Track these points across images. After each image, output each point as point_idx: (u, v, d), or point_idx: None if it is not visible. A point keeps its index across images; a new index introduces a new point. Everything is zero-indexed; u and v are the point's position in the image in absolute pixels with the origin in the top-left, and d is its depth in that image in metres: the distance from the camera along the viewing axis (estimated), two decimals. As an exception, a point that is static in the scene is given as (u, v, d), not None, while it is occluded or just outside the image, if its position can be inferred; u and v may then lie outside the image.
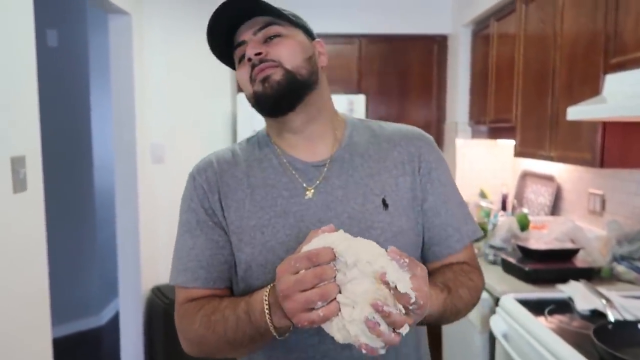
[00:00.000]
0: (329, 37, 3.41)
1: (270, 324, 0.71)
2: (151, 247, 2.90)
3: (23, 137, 1.67)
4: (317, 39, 0.95)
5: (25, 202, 1.67)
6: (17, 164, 1.61)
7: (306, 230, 0.79)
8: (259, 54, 0.84)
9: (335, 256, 0.65)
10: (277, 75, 0.83)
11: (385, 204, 0.87)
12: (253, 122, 3.04)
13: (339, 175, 0.88)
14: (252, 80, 0.85)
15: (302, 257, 0.65)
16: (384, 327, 0.63)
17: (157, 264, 2.97)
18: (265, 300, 0.72)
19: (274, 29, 0.86)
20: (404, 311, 0.64)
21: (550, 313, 1.58)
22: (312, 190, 0.86)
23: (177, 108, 3.04)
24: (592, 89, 1.76)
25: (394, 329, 0.63)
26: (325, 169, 0.88)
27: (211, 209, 0.88)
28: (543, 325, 1.49)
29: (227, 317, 0.78)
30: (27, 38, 1.69)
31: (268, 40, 0.86)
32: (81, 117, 3.62)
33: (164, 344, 2.76)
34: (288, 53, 0.85)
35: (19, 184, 1.62)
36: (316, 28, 3.38)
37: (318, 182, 0.87)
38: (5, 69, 1.57)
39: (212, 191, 0.89)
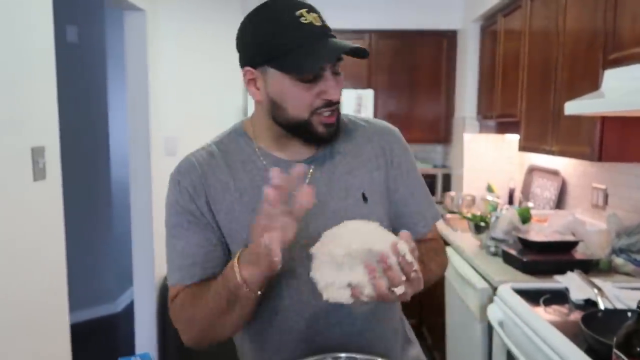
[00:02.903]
0: (338, 33, 3.45)
1: (238, 275, 0.77)
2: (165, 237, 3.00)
3: (43, 128, 1.76)
4: None
5: (45, 190, 1.77)
6: (37, 154, 1.70)
7: (297, 227, 0.82)
8: (336, 102, 0.87)
9: None
10: (335, 118, 0.89)
11: (364, 198, 0.94)
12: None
13: (322, 172, 0.94)
14: (315, 112, 0.86)
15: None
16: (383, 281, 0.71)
17: (170, 254, 3.07)
18: (236, 256, 0.79)
19: (339, 66, 0.88)
20: (403, 278, 0.72)
21: (546, 302, 1.63)
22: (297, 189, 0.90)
23: (190, 102, 3.13)
24: (592, 84, 1.79)
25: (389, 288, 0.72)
26: (311, 168, 0.93)
27: (199, 211, 0.90)
28: (537, 314, 1.54)
29: (208, 287, 0.85)
30: (46, 34, 1.78)
31: (335, 75, 0.87)
32: (99, 111, 3.74)
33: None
34: (341, 92, 0.90)
35: (39, 173, 1.71)
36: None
37: (317, 174, 0.93)
38: (26, 63, 1.66)
39: (198, 194, 0.91)
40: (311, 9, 0.85)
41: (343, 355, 0.85)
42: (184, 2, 3.05)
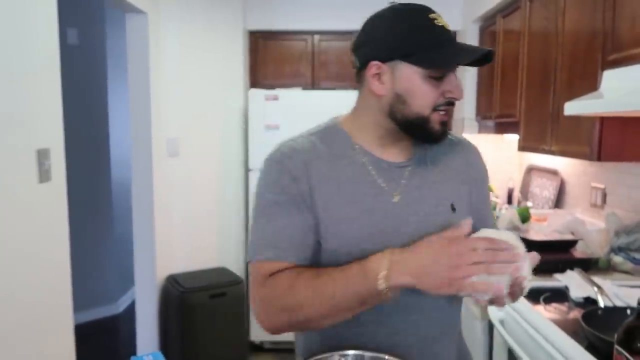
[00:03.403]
0: (339, 34, 3.49)
1: (384, 282, 0.78)
2: (166, 238, 3.02)
3: (47, 130, 1.77)
4: None
5: (50, 192, 1.78)
6: (42, 155, 1.71)
7: (389, 227, 0.91)
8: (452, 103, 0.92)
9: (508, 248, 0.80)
10: (447, 120, 0.93)
11: (453, 208, 0.98)
12: (265, 117, 3.13)
13: (415, 177, 0.97)
14: (435, 109, 0.90)
15: (483, 239, 0.80)
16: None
17: (171, 254, 3.08)
18: (386, 261, 0.79)
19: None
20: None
21: (546, 300, 1.65)
22: (397, 190, 0.94)
23: (191, 103, 3.15)
24: (591, 85, 1.81)
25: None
26: (407, 170, 0.97)
27: (300, 195, 0.91)
28: (537, 312, 1.56)
29: (335, 278, 0.82)
30: (51, 36, 1.80)
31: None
32: (99, 113, 3.75)
33: (179, 331, 2.87)
34: None
35: (44, 175, 1.73)
36: (326, 25, 3.53)
37: (402, 182, 0.95)
38: (31, 66, 1.67)
39: (300, 179, 0.91)
40: (438, 15, 0.91)
41: (351, 352, 0.86)
42: (185, 4, 3.07)
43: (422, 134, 0.92)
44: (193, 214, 3.21)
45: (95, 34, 3.68)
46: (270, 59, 3.51)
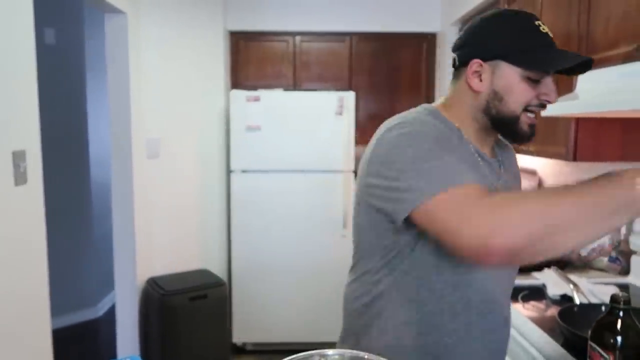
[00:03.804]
0: (320, 35, 3.49)
1: None
2: (146, 240, 2.99)
3: (23, 132, 1.74)
4: None
5: (26, 195, 1.75)
6: (18, 157, 1.68)
7: None
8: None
9: None
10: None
11: None
12: (246, 118, 3.12)
13: (503, 175, 1.06)
14: (527, 109, 0.96)
15: None
16: None
17: (152, 257, 3.05)
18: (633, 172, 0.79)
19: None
20: None
21: (524, 298, 1.67)
22: (495, 184, 1.03)
23: (172, 104, 3.12)
24: (567, 87, 1.85)
25: None
26: (499, 165, 1.06)
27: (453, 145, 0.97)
28: (515, 310, 1.58)
29: (580, 187, 0.80)
30: (27, 36, 1.76)
31: None
32: (77, 114, 3.69)
33: (160, 334, 2.84)
34: None
35: (20, 177, 1.70)
36: (307, 26, 3.54)
37: (497, 177, 1.04)
38: (7, 66, 1.64)
39: (443, 142, 0.94)
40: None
41: (330, 352, 0.86)
42: (165, 4, 3.05)
43: (511, 132, 0.99)
44: (174, 216, 3.18)
45: (73, 34, 3.62)
46: (252, 59, 3.50)
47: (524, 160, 2.88)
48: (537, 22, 0.95)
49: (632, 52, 1.51)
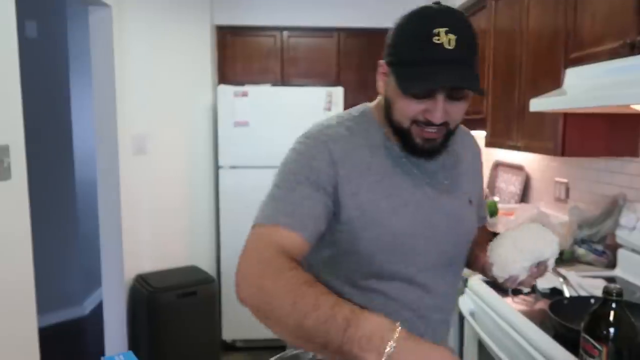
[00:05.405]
0: (307, 30, 3.48)
1: (358, 347, 0.65)
2: (133, 237, 2.95)
3: (7, 127, 1.70)
4: None
5: (10, 191, 1.71)
6: (2, 153, 1.65)
7: (425, 219, 0.94)
8: (442, 123, 0.87)
9: None
10: (440, 137, 0.90)
11: (470, 201, 1.05)
12: (234, 113, 3.09)
13: (441, 171, 1.00)
14: (415, 123, 0.88)
15: None
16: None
17: (140, 254, 3.02)
18: (390, 339, 0.64)
19: (464, 92, 0.88)
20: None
21: (514, 292, 1.69)
22: (430, 183, 0.97)
23: (158, 100, 3.08)
24: (555, 82, 1.87)
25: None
26: (434, 163, 0.98)
27: (333, 179, 0.89)
28: (506, 303, 1.60)
29: (320, 304, 0.70)
30: (8, 29, 1.72)
31: (452, 99, 0.86)
32: (61, 109, 3.63)
33: (148, 332, 2.81)
34: (460, 117, 0.91)
35: (4, 173, 1.66)
36: (295, 21, 3.54)
37: (433, 174, 0.98)
38: (-11, 60, 1.61)
39: (342, 164, 0.89)
40: (453, 30, 0.83)
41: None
42: (150, -2, 3.00)
43: (406, 143, 0.92)
44: (162, 213, 3.15)
45: (55, 27, 3.55)
46: (239, 55, 3.47)
47: (510, 156, 2.91)
48: (436, 30, 0.82)
49: (618, 49, 1.52)
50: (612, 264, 1.91)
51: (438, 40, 0.82)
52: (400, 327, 0.66)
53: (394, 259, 0.93)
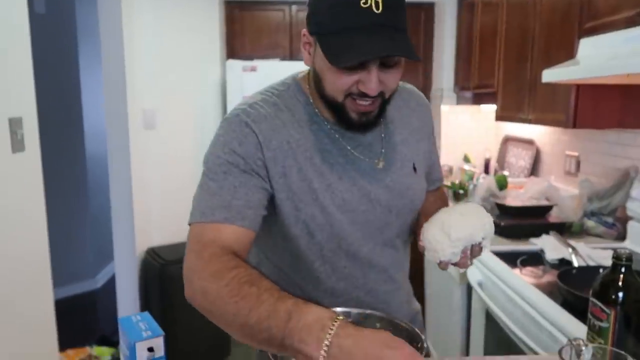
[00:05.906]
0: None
1: (300, 344, 0.64)
2: (145, 210, 2.98)
3: (19, 99, 1.72)
4: None
5: (24, 162, 1.74)
6: (15, 125, 1.66)
7: (360, 192, 0.90)
8: (377, 94, 0.81)
9: None
10: (375, 109, 0.85)
11: (414, 169, 0.98)
12: (242, 88, 3.08)
13: (377, 142, 0.95)
14: (349, 96, 0.82)
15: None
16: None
17: (151, 227, 3.06)
18: (331, 328, 0.63)
19: (398, 58, 0.81)
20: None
21: (523, 263, 1.70)
22: (366, 155, 0.92)
23: (168, 74, 3.08)
24: (568, 54, 1.84)
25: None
26: (370, 135, 0.93)
27: (262, 162, 0.85)
28: (514, 274, 1.61)
29: (262, 300, 0.69)
30: (19, 5, 1.72)
31: (385, 67, 0.80)
32: (70, 84, 3.64)
33: (160, 304, 2.87)
34: (395, 85, 0.84)
35: (17, 144, 1.68)
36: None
37: (369, 146, 0.93)
38: (1, 34, 1.61)
39: (267, 146, 0.85)
40: None
41: (339, 309, 0.87)
42: (158, -30, 2.97)
43: (340, 118, 0.86)
44: (172, 186, 3.17)
45: (63, 2, 3.53)
46: (248, 29, 3.45)
47: (520, 130, 2.89)
48: None
49: (634, 17, 1.50)
50: (621, 237, 1.91)
51: (365, 4, 0.74)
52: (341, 317, 0.65)
53: (333, 238, 0.90)
